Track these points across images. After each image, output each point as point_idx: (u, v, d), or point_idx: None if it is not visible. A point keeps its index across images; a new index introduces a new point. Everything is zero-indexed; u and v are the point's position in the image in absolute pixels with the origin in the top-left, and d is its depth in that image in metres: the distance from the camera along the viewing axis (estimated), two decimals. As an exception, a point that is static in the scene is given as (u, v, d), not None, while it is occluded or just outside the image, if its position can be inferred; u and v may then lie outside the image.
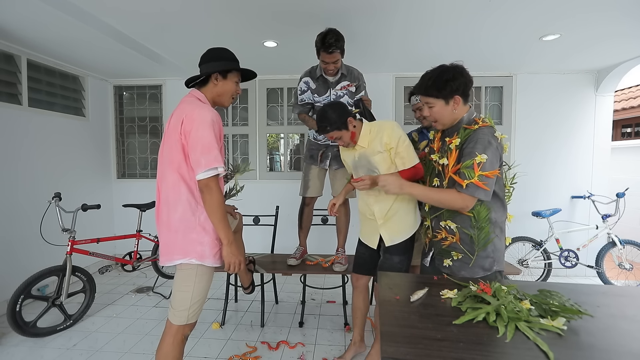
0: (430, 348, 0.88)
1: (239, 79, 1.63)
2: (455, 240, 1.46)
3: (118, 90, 4.18)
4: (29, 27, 2.54)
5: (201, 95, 1.52)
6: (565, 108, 3.73)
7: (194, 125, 1.38)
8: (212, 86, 1.54)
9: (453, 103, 1.42)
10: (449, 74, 1.39)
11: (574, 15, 2.37)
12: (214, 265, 1.49)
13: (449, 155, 1.44)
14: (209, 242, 1.46)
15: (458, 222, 1.44)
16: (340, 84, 2.36)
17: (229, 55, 1.59)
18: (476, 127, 1.39)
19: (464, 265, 1.45)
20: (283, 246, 3.31)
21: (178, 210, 1.44)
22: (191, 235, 1.44)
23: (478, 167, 1.32)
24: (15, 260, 2.88)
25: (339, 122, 1.74)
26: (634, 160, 4.77)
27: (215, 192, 1.39)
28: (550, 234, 3.48)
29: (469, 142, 1.37)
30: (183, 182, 1.43)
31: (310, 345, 2.34)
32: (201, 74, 1.54)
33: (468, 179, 1.33)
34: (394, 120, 3.84)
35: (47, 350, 2.28)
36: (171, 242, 1.46)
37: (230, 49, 1.64)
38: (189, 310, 1.48)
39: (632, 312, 1.09)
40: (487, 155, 1.32)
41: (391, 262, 1.87)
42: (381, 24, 2.54)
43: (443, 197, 1.40)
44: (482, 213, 1.39)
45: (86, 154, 3.77)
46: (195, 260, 1.44)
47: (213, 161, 1.37)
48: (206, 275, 1.51)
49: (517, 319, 0.99)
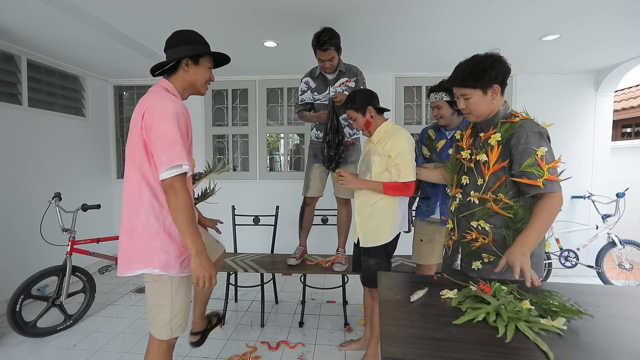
0: (430, 348, 0.88)
1: (212, 64, 1.45)
2: (488, 241, 1.38)
3: (118, 90, 4.18)
4: (29, 27, 2.54)
5: (169, 84, 1.36)
6: (565, 108, 3.73)
7: (155, 118, 1.22)
8: (183, 73, 1.37)
9: (492, 93, 1.34)
10: (486, 62, 1.32)
11: (574, 16, 2.37)
12: (182, 275, 1.34)
13: (488, 152, 1.35)
14: (175, 251, 1.31)
15: (492, 222, 1.37)
16: (339, 81, 2.38)
17: (199, 38, 1.41)
18: (517, 119, 1.32)
19: (494, 269, 1.33)
20: (283, 246, 3.31)
21: (141, 214, 1.29)
22: (155, 243, 1.29)
23: (543, 162, 1.25)
24: (15, 260, 2.88)
25: (358, 105, 1.86)
26: (634, 160, 4.76)
27: (180, 194, 1.22)
28: (550, 234, 3.48)
29: (518, 137, 1.28)
30: (145, 183, 1.28)
31: (310, 345, 2.34)
32: (169, 60, 1.36)
33: (540, 177, 1.24)
34: (394, 120, 3.85)
35: (47, 350, 2.28)
36: (133, 249, 1.31)
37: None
38: (171, 324, 1.35)
39: (633, 312, 1.09)
40: (545, 147, 1.26)
41: (367, 264, 1.92)
42: (381, 24, 2.54)
43: (546, 214, 1.26)
44: (519, 213, 1.33)
45: (86, 154, 3.77)
46: (159, 270, 1.29)
47: (176, 158, 1.20)
48: (183, 285, 1.37)
49: (517, 319, 0.99)
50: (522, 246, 1.23)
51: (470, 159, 1.44)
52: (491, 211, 1.36)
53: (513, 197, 1.34)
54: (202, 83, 1.43)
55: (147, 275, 1.33)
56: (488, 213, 1.37)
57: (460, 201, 1.47)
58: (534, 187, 1.26)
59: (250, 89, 4.01)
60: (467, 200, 1.43)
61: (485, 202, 1.37)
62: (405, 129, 1.94)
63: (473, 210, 1.41)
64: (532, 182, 1.26)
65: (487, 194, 1.36)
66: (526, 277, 1.17)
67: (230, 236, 2.97)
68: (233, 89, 4.04)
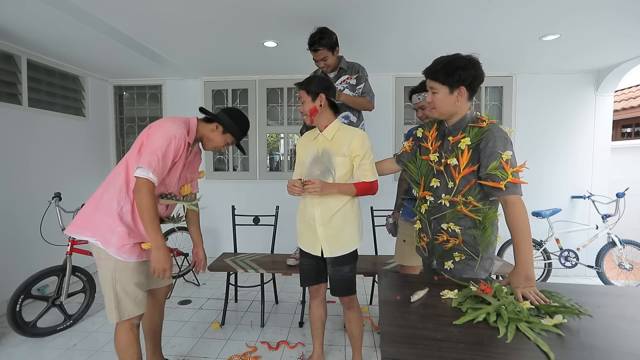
0: (430, 348, 0.88)
1: (232, 142, 1.75)
2: (458, 242, 1.42)
3: (118, 90, 4.17)
4: (29, 27, 2.54)
5: (195, 124, 1.64)
6: (565, 108, 3.73)
7: (157, 131, 1.49)
8: (210, 129, 1.67)
9: (457, 94, 1.35)
10: (461, 62, 1.33)
11: (574, 15, 2.37)
12: (118, 257, 1.49)
13: (459, 155, 1.37)
14: (120, 233, 1.47)
15: (462, 224, 1.40)
16: (341, 79, 2.37)
17: (244, 125, 1.75)
18: (484, 124, 1.35)
19: (466, 268, 1.42)
20: (283, 246, 3.31)
21: (109, 191, 1.51)
22: (107, 220, 1.47)
23: (507, 165, 1.27)
24: (16, 260, 2.88)
25: (312, 88, 1.68)
26: (634, 160, 4.76)
27: (144, 198, 1.42)
28: (550, 234, 3.48)
29: (486, 141, 1.31)
30: (125, 170, 1.51)
31: (310, 346, 2.33)
32: (212, 114, 1.69)
33: (504, 180, 1.26)
34: (394, 120, 3.85)
35: (47, 350, 2.28)
36: (89, 217, 1.50)
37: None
38: (118, 308, 1.50)
39: (633, 312, 1.09)
40: (510, 151, 1.29)
41: (342, 272, 1.77)
42: (381, 24, 2.53)
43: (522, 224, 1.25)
44: (489, 215, 1.36)
45: (86, 154, 3.77)
46: (100, 244, 1.46)
47: (148, 163, 1.41)
48: (127, 272, 1.51)
49: (517, 319, 0.99)
50: (524, 268, 1.21)
51: (439, 162, 1.45)
52: (460, 213, 1.39)
53: (481, 200, 1.37)
54: (213, 145, 1.72)
55: (94, 250, 1.50)
56: (458, 215, 1.40)
57: (431, 204, 1.49)
58: (497, 190, 1.28)
59: (250, 89, 4.01)
60: (439, 203, 1.45)
61: (455, 204, 1.40)
62: None
63: (444, 212, 1.43)
64: (496, 185, 1.28)
65: (458, 197, 1.39)
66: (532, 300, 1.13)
67: (230, 236, 2.97)
68: (233, 89, 4.04)
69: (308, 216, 1.77)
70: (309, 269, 1.86)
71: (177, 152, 1.51)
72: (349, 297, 1.84)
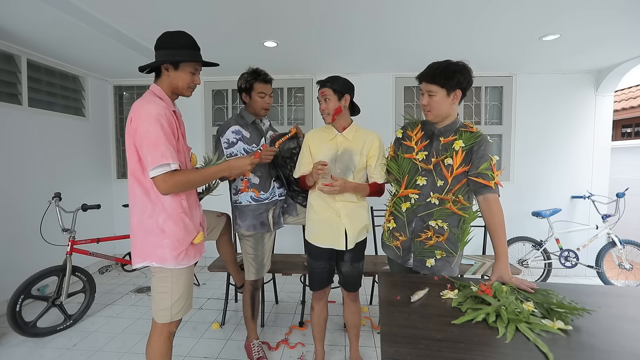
0: (430, 348, 0.88)
1: (197, 67, 1.46)
2: (441, 239, 1.48)
3: (118, 90, 4.17)
4: (29, 27, 2.54)
5: (157, 88, 1.43)
6: (565, 108, 3.73)
7: (139, 122, 1.30)
8: (165, 77, 1.43)
9: (454, 97, 1.44)
10: (457, 66, 1.41)
11: (573, 15, 2.36)
12: (177, 267, 1.43)
13: (453, 156, 1.45)
14: (169, 245, 1.39)
15: (449, 221, 1.48)
16: None
17: (182, 41, 1.41)
18: (475, 129, 1.48)
19: (445, 265, 1.51)
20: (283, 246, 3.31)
21: (134, 213, 1.40)
22: (149, 239, 1.39)
23: (495, 168, 1.41)
24: (16, 260, 2.88)
25: (339, 87, 1.68)
26: (634, 160, 4.76)
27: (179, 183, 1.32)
28: (550, 234, 3.48)
29: (480, 145, 1.43)
30: (137, 184, 1.37)
31: (310, 345, 2.33)
32: (150, 64, 1.43)
33: (492, 180, 1.39)
34: (394, 120, 3.85)
35: (47, 350, 2.28)
36: (133, 246, 1.43)
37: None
38: (171, 309, 1.48)
39: (633, 312, 1.09)
40: (496, 156, 1.43)
41: (358, 269, 1.85)
42: (382, 23, 2.53)
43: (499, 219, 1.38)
44: (472, 215, 1.47)
45: (86, 154, 3.76)
46: (156, 263, 1.40)
47: (160, 158, 1.28)
48: (183, 276, 1.48)
49: (517, 320, 0.99)
50: (507, 259, 1.36)
51: (427, 161, 1.51)
52: (449, 211, 1.47)
53: (467, 200, 1.48)
54: (184, 87, 1.45)
55: (151, 268, 1.46)
56: (446, 213, 1.48)
57: (417, 201, 1.53)
58: (486, 187, 1.40)
59: (250, 89, 4.00)
60: (427, 201, 1.50)
61: (445, 202, 1.47)
62: None
63: (432, 210, 1.49)
64: (486, 183, 1.40)
65: (449, 195, 1.46)
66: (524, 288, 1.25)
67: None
68: (233, 89, 4.04)
69: (331, 211, 1.76)
70: (323, 272, 1.86)
71: (172, 124, 1.36)
72: (353, 292, 1.95)
